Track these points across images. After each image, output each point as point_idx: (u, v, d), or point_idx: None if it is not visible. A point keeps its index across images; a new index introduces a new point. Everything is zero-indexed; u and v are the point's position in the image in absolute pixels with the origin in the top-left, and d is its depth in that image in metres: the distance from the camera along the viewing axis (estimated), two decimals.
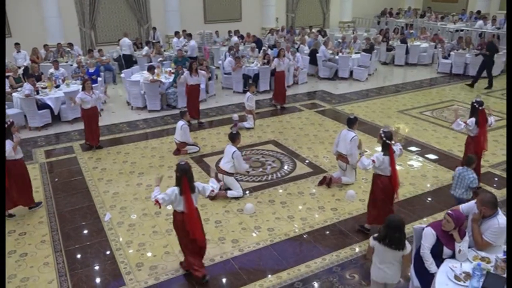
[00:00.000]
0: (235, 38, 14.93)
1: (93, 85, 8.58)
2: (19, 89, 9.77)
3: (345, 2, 19.94)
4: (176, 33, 14.50)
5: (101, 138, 8.38)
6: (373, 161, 4.90)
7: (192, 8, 16.51)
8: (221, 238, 5.34)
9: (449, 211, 3.81)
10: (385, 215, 5.06)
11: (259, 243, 5.23)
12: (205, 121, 9.62)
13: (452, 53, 13.72)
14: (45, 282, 4.60)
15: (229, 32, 15.97)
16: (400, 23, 18.82)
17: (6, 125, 5.62)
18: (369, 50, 13.60)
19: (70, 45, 13.65)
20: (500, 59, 13.25)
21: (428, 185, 6.64)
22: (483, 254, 3.81)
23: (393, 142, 4.99)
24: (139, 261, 4.92)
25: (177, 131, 7.71)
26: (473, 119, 6.06)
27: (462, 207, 4.17)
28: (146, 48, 13.60)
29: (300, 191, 6.45)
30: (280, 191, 6.48)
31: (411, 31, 16.44)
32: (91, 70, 11.17)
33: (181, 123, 7.68)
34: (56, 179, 7.01)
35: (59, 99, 9.51)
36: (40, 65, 11.84)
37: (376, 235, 3.83)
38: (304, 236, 5.35)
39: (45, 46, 13.31)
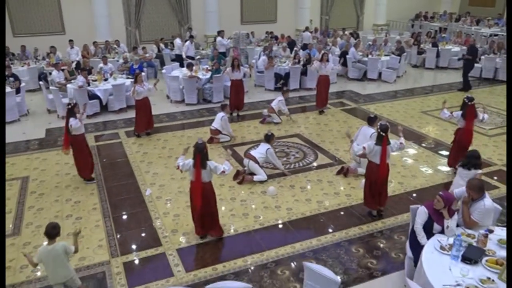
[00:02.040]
0: (307, 34, 16.37)
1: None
2: (72, 81, 10.90)
3: (380, 5, 20.20)
4: (219, 32, 15.27)
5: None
6: (364, 147, 5.58)
7: (230, 9, 17.37)
8: (245, 213, 6.09)
9: (440, 192, 4.40)
10: (375, 199, 5.78)
11: (278, 219, 5.95)
12: (235, 115, 10.39)
13: (482, 57, 13.90)
14: (96, 240, 5.51)
15: (266, 32, 16.73)
16: (434, 27, 18.96)
17: (70, 106, 6.65)
18: (399, 53, 13.98)
19: (117, 42, 14.82)
20: None
21: (440, 179, 7.13)
22: (469, 231, 4.36)
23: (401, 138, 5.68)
24: (174, 228, 5.75)
25: (216, 120, 8.61)
26: (459, 112, 6.86)
27: (456, 191, 4.72)
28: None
29: (319, 179, 7.11)
30: (301, 178, 7.16)
31: (444, 35, 16.62)
32: (135, 66, 12.21)
33: (221, 114, 8.59)
34: (104, 160, 8.00)
35: (107, 90, 10.58)
36: (90, 60, 13.00)
37: (460, 163, 5.50)
38: (318, 215, 6.02)
39: (94, 43, 14.54)
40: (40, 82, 11.41)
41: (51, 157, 8.14)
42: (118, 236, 5.60)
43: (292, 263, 5.00)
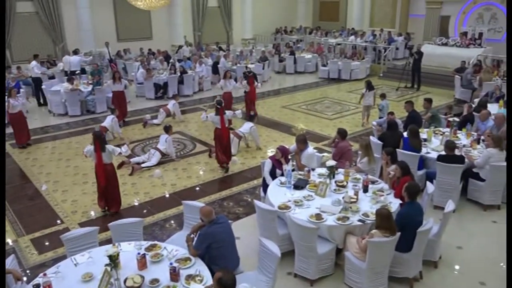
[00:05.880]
0: (186, 48, 18.39)
1: (18, 95, 10.03)
2: None
3: (246, 21, 22.59)
4: (35, 56, 14.17)
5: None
6: (206, 116, 8.00)
7: (105, 27, 18.00)
8: (136, 192, 7.23)
9: (278, 146, 6.16)
10: (224, 156, 7.89)
11: (165, 192, 7.22)
12: (121, 122, 11.32)
13: (329, 61, 16.88)
14: None
15: (141, 49, 17.77)
16: (292, 39, 21.95)
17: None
18: (263, 60, 16.26)
19: None
20: (364, 65, 16.70)
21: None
22: (301, 172, 6.15)
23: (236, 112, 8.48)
24: (73, 210, 6.65)
25: (107, 121, 9.61)
26: (245, 81, 10.94)
27: (291, 147, 6.54)
28: (61, 64, 15.01)
29: (198, 161, 8.56)
30: (182, 162, 8.52)
31: (298, 45, 19.58)
32: (12, 83, 12.34)
33: (111, 116, 9.67)
34: None
35: None
36: None
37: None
38: (197, 187, 7.45)
39: None
40: None
41: None
42: (21, 222, 6.30)
43: (176, 219, 6.30)
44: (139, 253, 4.03)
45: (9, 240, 5.86)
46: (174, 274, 3.82)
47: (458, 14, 18.98)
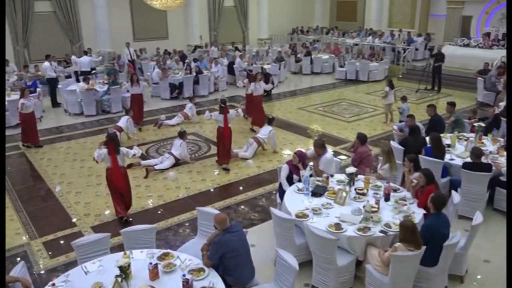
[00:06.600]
0: (214, 49, 18.35)
1: (32, 95, 10.02)
2: None
3: (262, 21, 22.42)
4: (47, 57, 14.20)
5: (43, 138, 9.83)
6: (211, 115, 8.08)
7: (121, 27, 18.04)
8: (149, 195, 7.10)
9: (295, 151, 5.94)
10: (224, 156, 7.97)
11: (179, 195, 7.07)
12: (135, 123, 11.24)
13: (346, 62, 16.58)
14: (13, 229, 6.08)
15: (157, 49, 17.74)
16: (309, 39, 21.68)
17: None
18: (279, 61, 16.05)
19: (6, 61, 14.64)
20: (382, 66, 16.34)
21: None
22: (319, 178, 5.94)
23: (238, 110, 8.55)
24: (86, 212, 6.55)
25: (122, 121, 9.45)
26: (246, 80, 10.87)
27: (308, 152, 6.32)
28: None
29: (212, 164, 8.39)
30: (197, 164, 8.37)
31: (315, 45, 19.32)
32: (29, 83, 12.39)
33: (126, 117, 9.47)
34: (9, 168, 8.33)
35: None
36: None
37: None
38: (212, 190, 7.28)
39: None
40: None
41: None
42: (34, 224, 6.22)
43: (190, 224, 6.15)
44: (151, 263, 3.87)
45: (23, 242, 5.79)
46: (187, 286, 3.66)
47: (481, 14, 18.50)
